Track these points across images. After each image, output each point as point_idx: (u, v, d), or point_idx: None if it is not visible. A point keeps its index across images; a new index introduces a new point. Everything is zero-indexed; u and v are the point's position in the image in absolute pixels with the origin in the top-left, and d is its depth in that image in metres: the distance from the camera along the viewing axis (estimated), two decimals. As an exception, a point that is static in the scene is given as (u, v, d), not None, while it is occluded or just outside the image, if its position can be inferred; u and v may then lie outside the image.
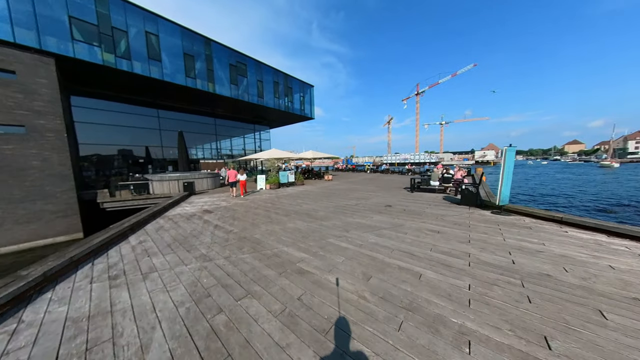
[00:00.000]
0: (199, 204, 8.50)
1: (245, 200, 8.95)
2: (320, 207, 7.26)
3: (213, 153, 23.23)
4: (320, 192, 10.94)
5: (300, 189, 12.09)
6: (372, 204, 7.57)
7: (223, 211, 7.07)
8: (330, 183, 14.95)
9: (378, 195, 9.33)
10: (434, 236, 4.37)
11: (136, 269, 3.28)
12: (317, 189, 12.18)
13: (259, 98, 20.48)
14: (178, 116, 19.02)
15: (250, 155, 19.78)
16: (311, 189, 12.24)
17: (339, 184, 14.11)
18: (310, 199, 8.91)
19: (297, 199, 9.18)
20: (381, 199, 8.59)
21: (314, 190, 11.46)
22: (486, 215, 5.83)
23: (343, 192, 10.72)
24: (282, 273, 3.06)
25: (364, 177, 19.30)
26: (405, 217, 5.78)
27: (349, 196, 9.38)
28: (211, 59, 16.50)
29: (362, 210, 6.75)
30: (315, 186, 13.33)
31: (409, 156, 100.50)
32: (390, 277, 2.91)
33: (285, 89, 23.39)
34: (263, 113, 23.74)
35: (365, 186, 12.79)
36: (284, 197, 9.74)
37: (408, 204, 7.44)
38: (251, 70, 19.78)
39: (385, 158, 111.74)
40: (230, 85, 17.94)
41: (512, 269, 3.05)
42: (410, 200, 8.07)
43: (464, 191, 6.92)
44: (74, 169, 11.58)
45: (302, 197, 9.60)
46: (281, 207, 7.58)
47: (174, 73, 14.47)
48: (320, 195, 9.76)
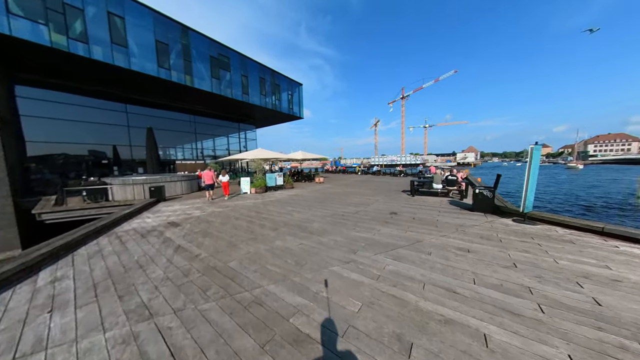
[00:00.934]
0: (166, 213, 7.00)
1: (225, 208, 7.57)
2: (314, 217, 6.11)
3: (193, 153, 21.29)
4: (312, 196, 9.78)
5: (290, 193, 10.85)
6: (375, 211, 6.55)
7: (194, 223, 5.69)
8: (322, 186, 13.84)
9: (377, 200, 8.36)
10: (466, 257, 3.38)
11: (10, 345, 1.92)
12: (309, 193, 11.02)
13: (243, 95, 18.99)
14: (151, 112, 16.99)
15: (235, 155, 18.11)
16: (302, 193, 11.04)
17: (331, 187, 13.04)
18: (302, 206, 7.73)
19: (286, 205, 7.96)
20: (382, 204, 7.62)
21: (305, 195, 10.28)
22: (510, 225, 5.00)
23: (338, 196, 9.64)
24: (268, 343, 1.87)
25: (356, 179, 18.42)
26: (420, 229, 4.80)
27: (345, 201, 8.32)
28: (189, 49, 14.84)
29: (365, 220, 5.70)
30: (307, 190, 12.16)
31: (395, 158, 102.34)
32: (440, 343, 1.83)
33: (272, 87, 22.04)
34: (248, 111, 22.21)
35: (360, 189, 11.83)
36: (271, 203, 8.47)
37: (414, 211, 6.51)
38: (235, 65, 18.27)
39: (372, 160, 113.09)
40: (211, 80, 16.33)
41: (605, 315, 2.10)
42: (415, 206, 7.16)
43: (477, 196, 6.10)
44: (12, 172, 9.51)
45: (293, 203, 8.39)
46: (268, 216, 6.33)
47: (144, 62, 12.69)
48: (313, 201, 8.61)
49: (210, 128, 21.96)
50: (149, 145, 11.25)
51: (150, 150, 11.21)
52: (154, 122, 16.79)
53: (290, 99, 24.89)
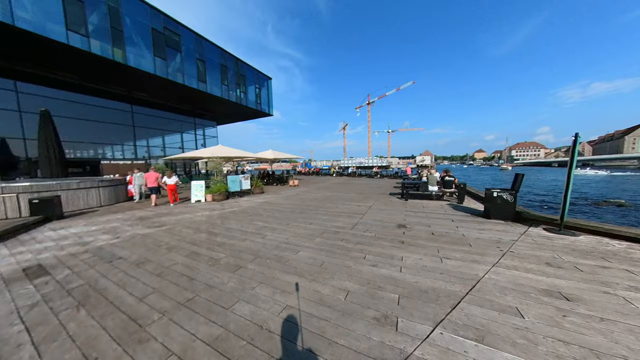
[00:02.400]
0: (45, 243, 4.17)
1: (157, 228, 5.04)
2: (298, 238, 4.19)
3: (134, 152, 16.95)
4: (289, 204, 7.78)
5: (260, 200, 8.64)
6: (377, 224, 4.96)
7: (81, 266, 3.18)
8: (298, 190, 11.89)
9: (370, 207, 6.86)
10: (576, 314, 1.96)
11: None
12: (284, 199, 8.96)
13: (200, 83, 15.85)
14: (56, 94, 12.52)
15: (186, 153, 14.39)
16: (275, 199, 8.93)
17: (309, 191, 11.20)
18: (277, 219, 5.71)
19: (255, 218, 5.83)
20: (379, 212, 6.12)
21: (280, 202, 8.21)
22: (553, 237, 3.93)
23: (321, 202, 7.86)
24: None
25: (334, 182, 16.97)
26: (454, 253, 3.34)
27: (332, 210, 6.59)
28: (118, 14, 11.33)
29: (370, 239, 4.03)
30: (280, 195, 10.06)
31: (363, 160, 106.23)
32: None
33: (236, 77, 19.20)
34: (207, 104, 18.91)
35: (343, 193, 10.28)
36: (234, 215, 6.21)
37: (424, 221, 5.15)
38: (188, 45, 15.09)
39: (342, 162, 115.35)
40: (154, 59, 12.94)
41: None
42: (419, 214, 5.85)
43: (495, 199, 5.04)
44: None
45: (264, 214, 6.29)
46: (226, 239, 4.16)
47: (41, 20, 8.93)
48: (291, 211, 6.64)
49: (156, 122, 17.93)
50: (44, 136, 7.67)
51: (47, 144, 7.65)
52: (67, 108, 12.51)
53: (258, 93, 22.28)
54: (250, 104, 20.77)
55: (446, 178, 7.31)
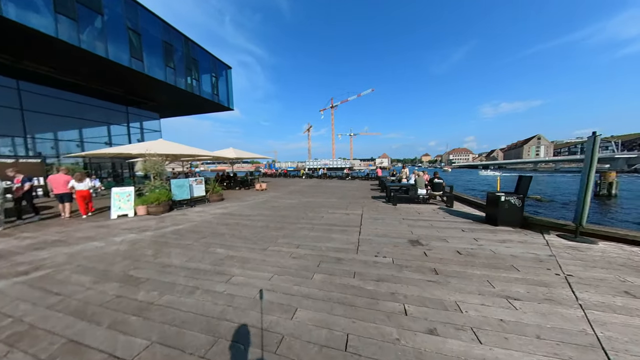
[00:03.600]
0: None
1: (20, 278, 2.81)
2: (285, 277, 2.72)
3: (29, 146, 12.16)
4: (260, 215, 6.08)
5: (219, 211, 6.64)
6: (384, 242, 3.85)
7: None
8: (267, 195, 10.10)
9: (363, 216, 5.78)
10: None
11: None
12: (252, 208, 7.15)
13: (134, 59, 12.39)
14: None
15: (106, 149, 9.68)
16: (240, 209, 7.04)
17: (282, 196, 9.56)
18: (245, 240, 4.04)
19: (212, 240, 4.02)
20: (375, 223, 5.07)
21: (246, 213, 6.40)
22: (582, 248, 3.48)
23: (301, 211, 6.41)
24: None
25: (306, 184, 15.59)
26: (513, 286, 2.45)
27: (318, 222, 5.24)
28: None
29: (392, 272, 2.86)
30: (246, 202, 8.16)
31: (328, 162, 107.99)
32: None
33: (186, 60, 15.99)
34: (146, 89, 15.16)
35: (321, 197, 9.02)
36: (177, 237, 4.23)
37: (432, 232, 4.30)
38: (113, 9, 11.59)
39: (307, 163, 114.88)
40: (54, 17, 9.31)
41: None
42: (421, 223, 5.02)
43: (502, 204, 4.55)
44: None
45: (226, 233, 4.50)
46: (155, 292, 2.38)
47: None
48: (264, 226, 5.01)
49: (67, 107, 13.38)
50: None
51: None
52: None
53: (215, 83, 19.20)
54: (205, 94, 17.68)
55: (435, 180, 6.82)
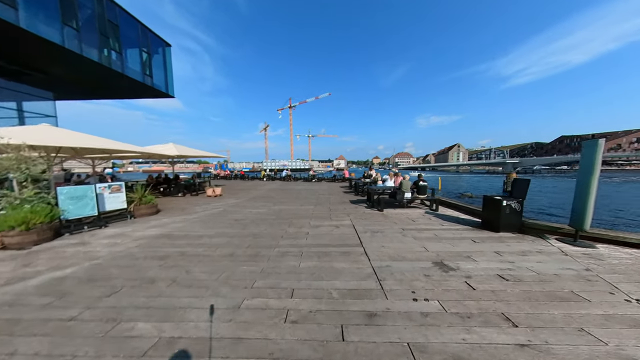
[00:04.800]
0: None
1: None
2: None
3: None
4: (216, 235, 4.27)
5: (150, 232, 4.45)
6: (406, 271, 2.83)
7: None
8: (225, 202, 8.01)
9: (357, 229, 4.72)
10: None
11: None
12: (202, 223, 5.16)
13: (4, 6, 8.19)
14: None
15: None
16: (184, 226, 4.96)
17: (243, 204, 7.67)
18: (194, 286, 2.36)
19: (129, 299, 2.18)
20: (375, 238, 4.08)
21: (194, 232, 4.45)
22: (595, 255, 3.25)
23: (275, 226, 4.87)
24: None
25: (270, 188, 13.72)
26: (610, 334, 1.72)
27: (304, 241, 3.89)
28: None
29: (444, 321, 1.81)
30: (194, 215, 6.01)
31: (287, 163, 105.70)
32: None
33: (100, 22, 11.86)
34: (25, 52, 10.45)
35: (294, 204, 7.59)
36: (39, 306, 2.18)
37: (447, 247, 3.57)
38: None
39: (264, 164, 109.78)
40: None
41: None
42: (425, 234, 4.29)
43: (504, 209, 4.24)
44: None
45: (159, 275, 2.67)
46: None
47: None
48: (229, 254, 3.35)
49: None
50: None
51: None
52: None
53: (146, 61, 15.08)
54: (132, 73, 13.61)
55: (420, 183, 6.40)
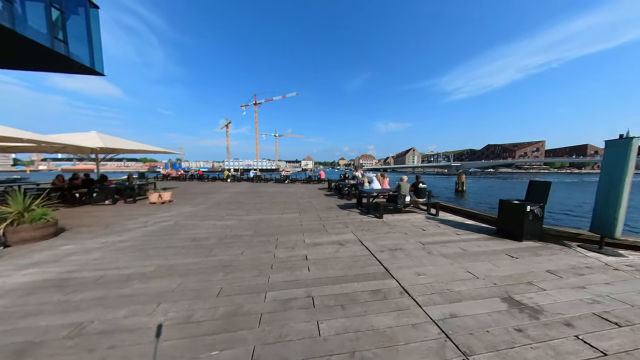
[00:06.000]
0: None
1: None
2: None
3: None
4: (157, 272, 2.62)
5: (23, 279, 2.49)
6: (486, 326, 1.88)
7: None
8: (174, 212, 5.98)
9: (368, 246, 3.66)
10: None
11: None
12: (136, 253, 3.33)
13: None
14: None
15: None
16: (91, 268, 3.08)
17: (202, 213, 5.81)
18: None
19: None
20: (401, 262, 3.09)
21: (116, 270, 2.69)
22: (632, 263, 2.92)
23: (256, 246, 3.43)
24: None
25: (236, 190, 11.69)
26: None
27: (304, 274, 2.63)
28: None
29: None
30: (123, 236, 4.02)
31: (252, 162, 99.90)
32: None
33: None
34: None
35: (273, 212, 6.13)
36: None
37: (485, 268, 2.82)
38: None
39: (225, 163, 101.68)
40: None
41: None
42: (450, 248, 3.51)
43: (527, 215, 3.80)
44: None
45: None
46: None
47: None
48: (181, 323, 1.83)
49: None
50: None
51: None
52: None
53: (60, 21, 11.11)
54: (32, 33, 9.76)
55: (420, 186, 5.78)
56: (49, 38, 10.88)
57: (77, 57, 12.02)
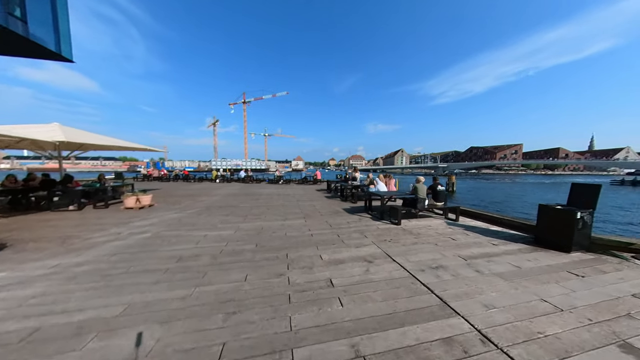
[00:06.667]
0: None
1: None
2: None
3: None
4: (126, 316, 1.78)
5: None
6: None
7: None
8: (153, 220, 5.00)
9: (413, 270, 3.00)
10: None
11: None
12: (100, 282, 2.44)
13: None
14: None
15: None
16: (24, 312, 2.17)
17: (189, 219, 4.89)
18: None
19: None
20: (453, 285, 2.47)
21: (62, 317, 1.81)
22: None
23: (263, 270, 2.66)
24: None
25: (227, 192, 10.68)
26: None
27: (337, 312, 1.91)
28: None
29: None
30: (84, 255, 3.08)
31: (240, 162, 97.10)
32: None
33: None
34: None
35: (274, 219, 5.33)
36: None
37: (574, 301, 2.26)
38: None
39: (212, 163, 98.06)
40: None
41: None
42: (508, 268, 2.95)
43: (577, 223, 3.33)
44: None
45: None
46: None
47: None
48: None
49: None
50: None
51: None
52: None
53: (16, -3, 9.55)
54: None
55: (439, 188, 5.24)
56: (2, 14, 9.31)
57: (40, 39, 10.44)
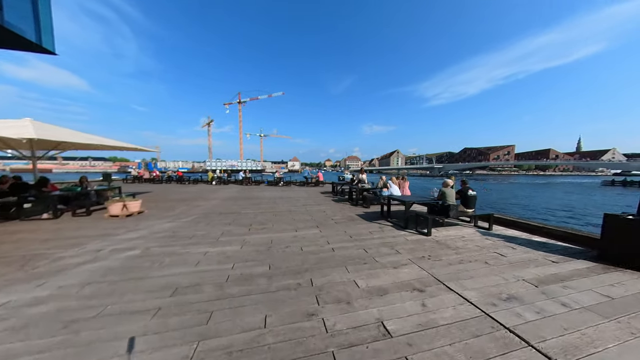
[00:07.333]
0: None
1: None
2: None
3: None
4: None
5: None
6: None
7: None
8: (144, 231, 4.24)
9: (489, 310, 2.38)
10: None
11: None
12: (59, 334, 1.73)
13: None
14: None
15: None
16: None
17: (185, 230, 4.16)
18: None
19: None
20: (552, 329, 1.86)
21: None
22: None
23: (285, 307, 1.99)
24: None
25: (224, 195, 9.89)
26: None
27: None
28: None
29: None
30: (48, 289, 2.34)
31: (236, 163, 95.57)
32: None
33: None
34: None
35: (284, 229, 4.66)
36: None
37: None
38: None
39: (207, 163, 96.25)
40: None
41: None
42: (576, 294, 2.37)
43: (634, 229, 2.79)
44: None
45: None
46: None
47: None
48: None
49: None
50: None
51: None
52: None
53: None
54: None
55: (470, 193, 4.66)
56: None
57: (16, 28, 9.44)
